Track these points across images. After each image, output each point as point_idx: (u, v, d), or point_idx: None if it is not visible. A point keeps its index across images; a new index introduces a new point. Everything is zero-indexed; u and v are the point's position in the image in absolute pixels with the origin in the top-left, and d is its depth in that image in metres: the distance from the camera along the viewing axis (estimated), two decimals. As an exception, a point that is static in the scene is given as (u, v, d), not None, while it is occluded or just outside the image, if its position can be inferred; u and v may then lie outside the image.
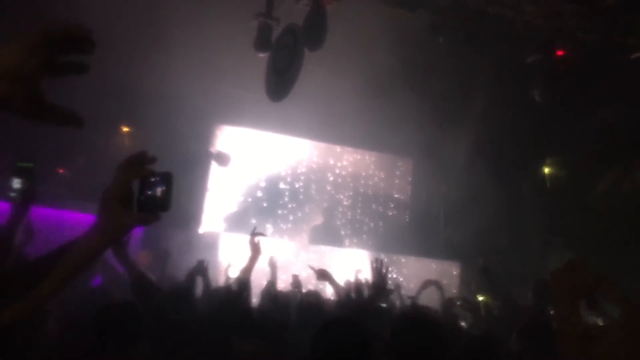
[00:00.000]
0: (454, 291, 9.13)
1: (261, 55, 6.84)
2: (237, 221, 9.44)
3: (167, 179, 1.34)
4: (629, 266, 7.55)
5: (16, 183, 3.23)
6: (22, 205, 3.22)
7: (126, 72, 7.53)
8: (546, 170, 10.79)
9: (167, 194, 1.34)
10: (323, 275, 5.23)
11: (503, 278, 5.38)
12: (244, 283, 4.18)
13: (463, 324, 5.25)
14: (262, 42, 6.76)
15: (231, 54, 7.58)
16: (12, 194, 3.25)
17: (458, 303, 5.23)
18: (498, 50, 7.23)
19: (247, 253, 4.46)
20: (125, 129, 8.94)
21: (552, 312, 5.40)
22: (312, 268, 5.42)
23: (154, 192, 1.33)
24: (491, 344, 3.16)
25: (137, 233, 7.31)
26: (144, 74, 7.64)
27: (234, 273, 5.53)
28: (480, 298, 5.34)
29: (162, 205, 1.33)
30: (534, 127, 9.08)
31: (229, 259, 8.94)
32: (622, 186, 9.69)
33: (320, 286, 6.92)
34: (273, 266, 6.08)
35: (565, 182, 10.52)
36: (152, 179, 1.34)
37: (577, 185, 10.15)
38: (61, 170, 8.30)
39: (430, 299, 6.20)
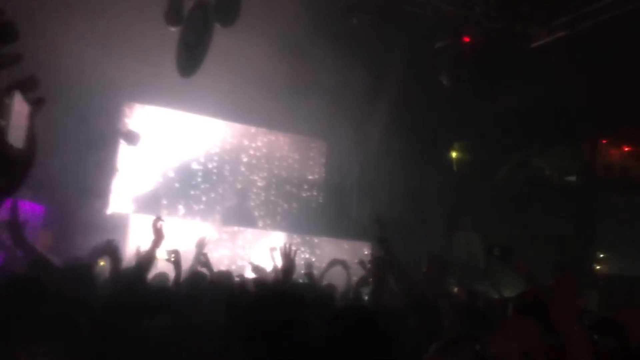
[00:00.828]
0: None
1: (172, 29, 6.63)
2: (147, 202, 9.16)
3: None
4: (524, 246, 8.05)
5: None
6: None
7: (26, 45, 7.05)
8: (453, 154, 11.25)
9: None
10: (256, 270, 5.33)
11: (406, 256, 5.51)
12: (145, 263, 4.11)
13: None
14: (173, 15, 6.55)
15: (142, 27, 7.28)
16: None
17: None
18: (409, 35, 7.41)
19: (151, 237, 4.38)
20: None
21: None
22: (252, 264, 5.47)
23: None
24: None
25: (38, 212, 6.94)
26: (44, 46, 7.20)
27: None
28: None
29: None
30: (444, 111, 9.40)
31: (139, 241, 8.71)
32: (519, 173, 10.30)
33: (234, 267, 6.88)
34: (200, 246, 5.90)
35: (471, 166, 11.02)
36: None
37: (482, 169, 10.67)
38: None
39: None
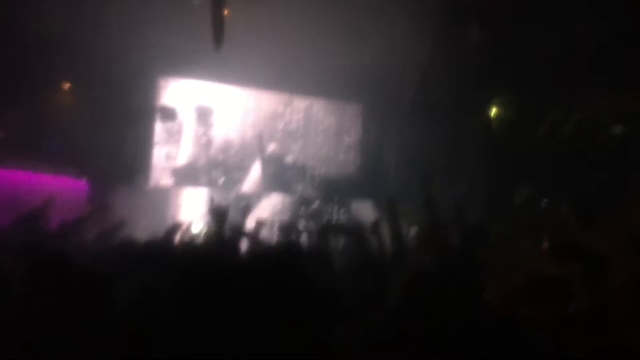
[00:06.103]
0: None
1: (196, 2, 6.65)
2: (186, 174, 9.37)
3: None
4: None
5: None
6: None
7: (62, 25, 7.24)
8: (491, 112, 10.92)
9: None
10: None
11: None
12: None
13: None
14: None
15: (170, 3, 7.30)
16: None
17: None
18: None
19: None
20: (66, 85, 8.58)
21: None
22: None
23: None
24: None
25: (83, 188, 7.21)
26: (80, 27, 7.34)
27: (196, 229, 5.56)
28: None
29: None
30: (478, 68, 9.13)
31: (180, 214, 8.90)
32: (564, 129, 9.79)
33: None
34: (244, 212, 5.80)
35: (510, 123, 10.68)
36: None
37: (521, 126, 10.30)
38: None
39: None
